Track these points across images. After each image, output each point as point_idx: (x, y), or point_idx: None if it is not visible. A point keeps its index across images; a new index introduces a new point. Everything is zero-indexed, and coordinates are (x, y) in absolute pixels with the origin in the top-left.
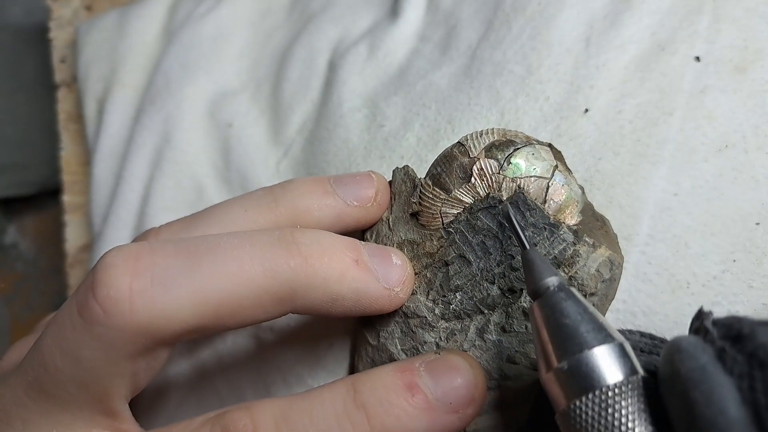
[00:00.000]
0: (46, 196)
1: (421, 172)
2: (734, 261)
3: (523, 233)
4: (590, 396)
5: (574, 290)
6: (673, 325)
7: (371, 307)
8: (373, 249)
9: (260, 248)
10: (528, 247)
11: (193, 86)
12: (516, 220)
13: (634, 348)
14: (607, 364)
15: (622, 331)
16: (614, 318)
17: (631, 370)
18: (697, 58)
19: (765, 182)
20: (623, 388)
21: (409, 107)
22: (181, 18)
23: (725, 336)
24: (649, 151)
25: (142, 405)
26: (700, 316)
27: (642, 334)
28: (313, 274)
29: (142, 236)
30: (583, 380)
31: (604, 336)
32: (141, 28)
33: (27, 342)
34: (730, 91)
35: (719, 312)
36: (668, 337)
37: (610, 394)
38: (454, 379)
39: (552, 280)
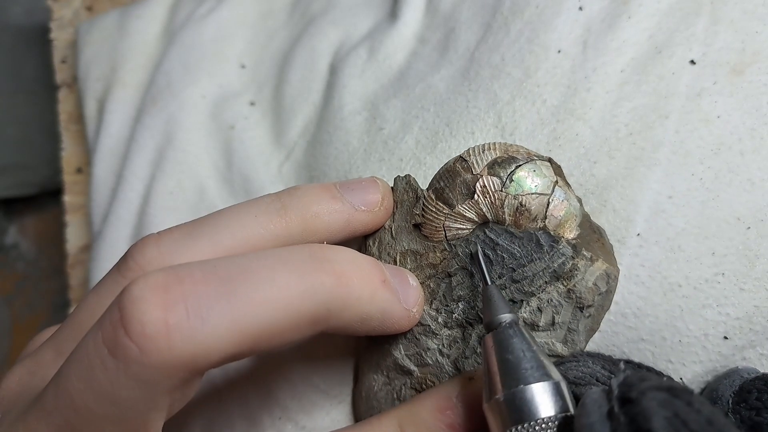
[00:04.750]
0: (47, 197)
1: (420, 175)
2: (727, 264)
3: (488, 271)
4: (521, 427)
5: (523, 329)
6: (663, 327)
7: (393, 327)
8: (392, 270)
9: (295, 268)
10: (489, 283)
11: (194, 87)
12: (482, 258)
13: (590, 377)
14: (541, 400)
15: (589, 355)
16: (605, 319)
17: (562, 408)
18: (692, 62)
19: (760, 185)
20: (550, 424)
21: (408, 110)
22: (182, 18)
23: (620, 396)
24: (644, 154)
25: None
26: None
27: (604, 363)
28: (347, 294)
29: (140, 242)
30: (517, 412)
31: (542, 374)
32: (141, 28)
33: (24, 368)
34: (727, 94)
35: (709, 315)
36: (656, 339)
37: (538, 427)
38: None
39: (505, 317)
